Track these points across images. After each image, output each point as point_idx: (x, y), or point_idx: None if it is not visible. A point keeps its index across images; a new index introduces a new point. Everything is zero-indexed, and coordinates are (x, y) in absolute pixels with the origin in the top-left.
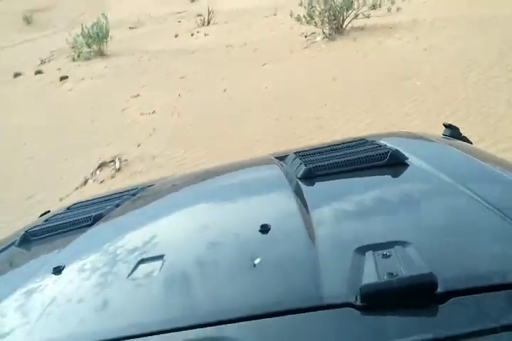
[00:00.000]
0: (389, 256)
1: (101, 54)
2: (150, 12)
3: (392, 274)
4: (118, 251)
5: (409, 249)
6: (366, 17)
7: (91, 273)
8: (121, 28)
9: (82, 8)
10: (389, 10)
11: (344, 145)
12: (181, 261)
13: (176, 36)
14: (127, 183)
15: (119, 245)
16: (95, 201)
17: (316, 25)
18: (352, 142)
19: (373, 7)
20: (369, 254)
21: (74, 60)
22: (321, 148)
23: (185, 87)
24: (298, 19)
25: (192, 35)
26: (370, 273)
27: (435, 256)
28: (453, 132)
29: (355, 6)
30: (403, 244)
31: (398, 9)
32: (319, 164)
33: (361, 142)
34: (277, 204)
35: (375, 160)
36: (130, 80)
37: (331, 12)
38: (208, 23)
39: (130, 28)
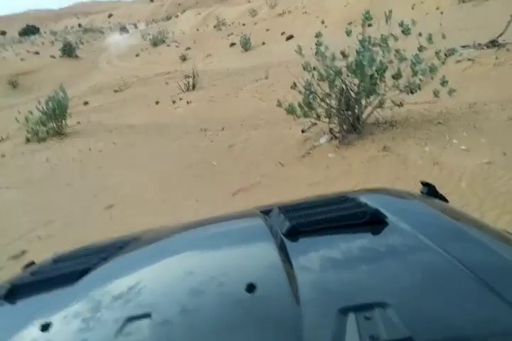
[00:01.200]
0: (371, 318)
1: (59, 133)
2: (139, 73)
3: (373, 338)
4: (106, 308)
5: (390, 311)
6: (398, 105)
7: (79, 329)
8: (106, 91)
9: (70, 70)
10: (436, 94)
11: (326, 201)
12: (169, 319)
13: (157, 103)
14: None
15: (107, 301)
16: (82, 253)
17: (318, 118)
18: (334, 199)
19: (410, 90)
20: (351, 316)
21: (28, 140)
22: (305, 203)
23: (99, 236)
24: (291, 111)
25: (174, 102)
26: (353, 338)
27: (415, 318)
28: (430, 190)
29: (381, 89)
30: (385, 305)
31: (451, 92)
32: (303, 220)
33: (343, 199)
34: (263, 262)
35: (356, 218)
36: (44, 205)
37: (341, 99)
38: (193, 87)
39: (115, 90)
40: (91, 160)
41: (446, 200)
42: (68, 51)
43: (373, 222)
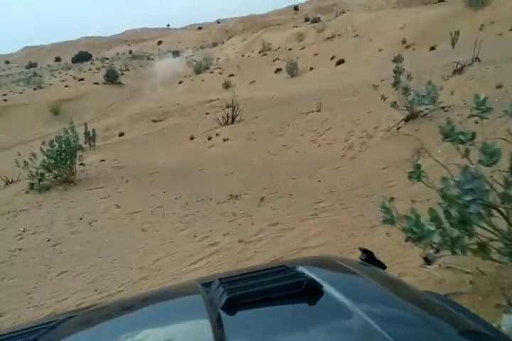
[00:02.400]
0: None
1: (67, 181)
2: (180, 101)
3: None
4: None
5: None
6: None
7: None
8: (144, 121)
9: (112, 98)
10: None
11: (266, 271)
12: None
13: (192, 139)
14: None
15: None
16: (8, 336)
17: (481, 252)
18: (273, 268)
19: None
20: None
21: (33, 187)
22: (245, 274)
23: None
24: (416, 239)
25: (209, 138)
26: None
27: None
28: (368, 256)
29: None
30: None
31: None
32: (241, 293)
33: (281, 269)
34: (196, 338)
35: (292, 288)
36: None
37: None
38: (233, 119)
39: (153, 120)
40: (66, 246)
41: (384, 267)
42: (111, 78)
43: (308, 291)
